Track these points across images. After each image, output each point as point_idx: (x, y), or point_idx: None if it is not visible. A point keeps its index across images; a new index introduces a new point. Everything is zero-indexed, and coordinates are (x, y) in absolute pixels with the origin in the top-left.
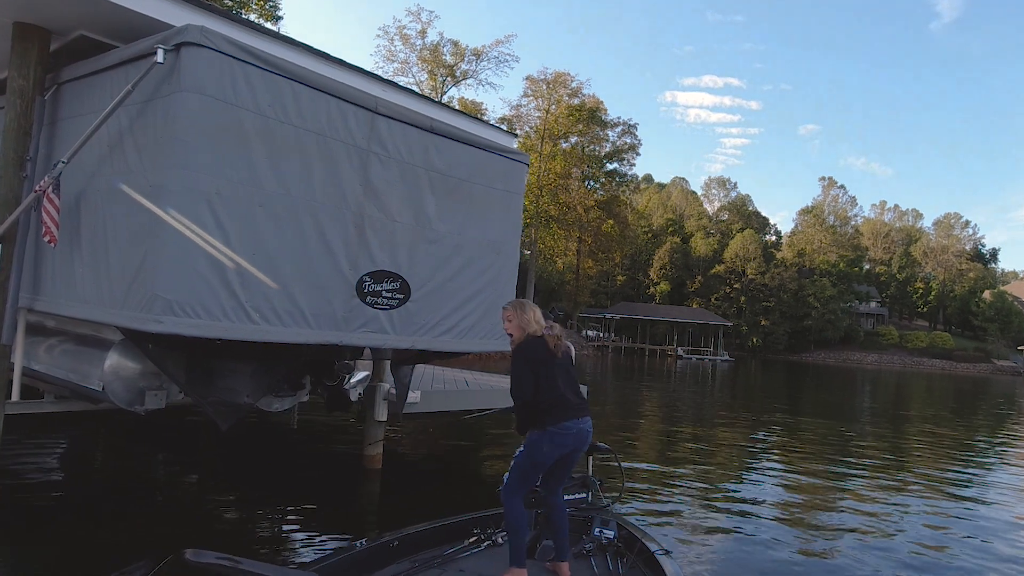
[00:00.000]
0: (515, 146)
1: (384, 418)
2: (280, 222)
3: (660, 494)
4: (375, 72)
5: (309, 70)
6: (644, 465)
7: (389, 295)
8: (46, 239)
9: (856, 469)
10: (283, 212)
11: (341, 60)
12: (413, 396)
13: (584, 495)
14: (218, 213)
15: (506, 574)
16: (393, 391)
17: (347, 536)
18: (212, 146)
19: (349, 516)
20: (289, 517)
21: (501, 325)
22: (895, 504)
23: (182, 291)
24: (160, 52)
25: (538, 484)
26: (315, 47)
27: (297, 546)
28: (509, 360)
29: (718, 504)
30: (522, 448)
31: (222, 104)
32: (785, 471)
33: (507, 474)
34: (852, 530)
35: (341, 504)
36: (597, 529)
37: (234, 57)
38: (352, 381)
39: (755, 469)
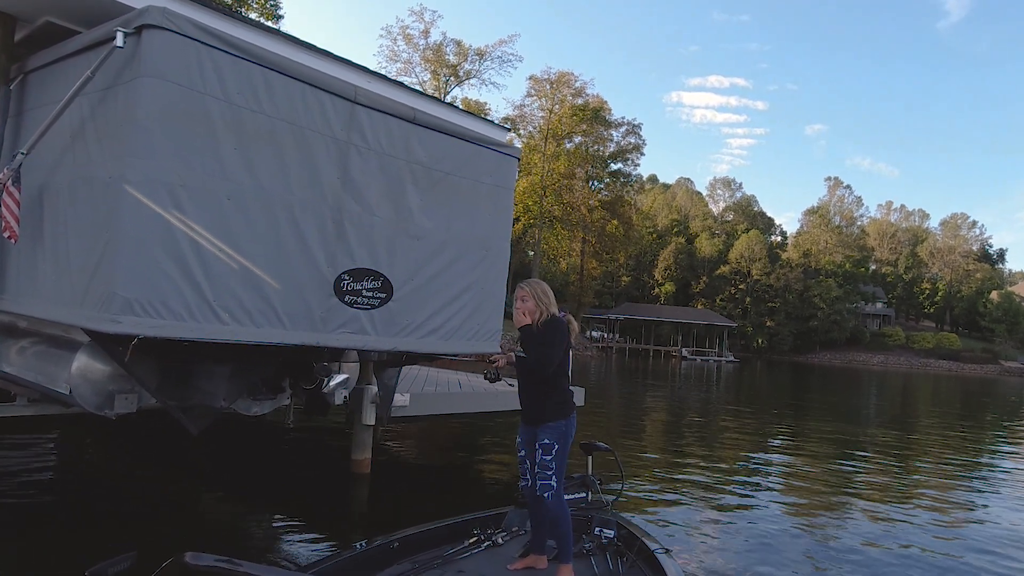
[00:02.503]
0: (506, 139)
1: (372, 422)
2: (251, 216)
3: (661, 494)
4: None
5: (283, 56)
6: (645, 465)
7: (370, 294)
8: (6, 235)
9: (862, 472)
10: (254, 205)
11: (318, 47)
12: (402, 399)
13: (584, 494)
14: (182, 206)
15: (560, 573)
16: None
17: (328, 542)
18: (176, 135)
19: (334, 523)
20: (271, 523)
21: (490, 325)
22: (901, 507)
23: (142, 289)
24: (120, 35)
25: (526, 480)
26: (290, 34)
27: (279, 552)
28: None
29: (720, 504)
30: (553, 446)
31: (186, 90)
32: (789, 472)
33: (546, 480)
34: (857, 533)
35: (326, 511)
36: (597, 528)
37: (200, 41)
38: (331, 384)
39: (758, 470)
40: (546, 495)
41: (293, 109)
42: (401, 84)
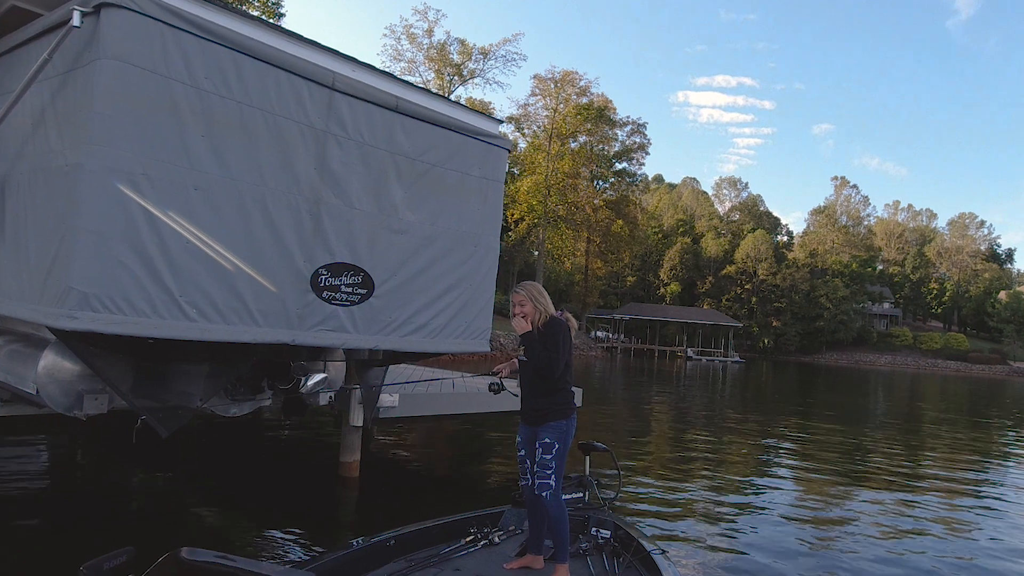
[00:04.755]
0: (499, 130)
1: (360, 423)
2: (220, 208)
3: (660, 495)
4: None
5: (255, 40)
6: (645, 466)
7: (349, 290)
8: None
9: (867, 475)
10: (224, 197)
11: (293, 32)
12: (390, 400)
13: (581, 494)
14: (145, 196)
15: (556, 573)
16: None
17: (309, 546)
18: (138, 121)
19: (318, 528)
20: (253, 528)
21: (479, 323)
22: (907, 511)
23: (101, 283)
24: (76, 15)
25: (527, 479)
26: (262, 18)
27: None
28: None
29: (720, 505)
30: (554, 445)
31: (149, 74)
32: (792, 474)
33: (545, 480)
34: (859, 536)
35: (311, 515)
36: (593, 529)
37: (163, 22)
38: (308, 384)
39: (759, 472)
40: (544, 494)
41: (266, 96)
42: (383, 71)
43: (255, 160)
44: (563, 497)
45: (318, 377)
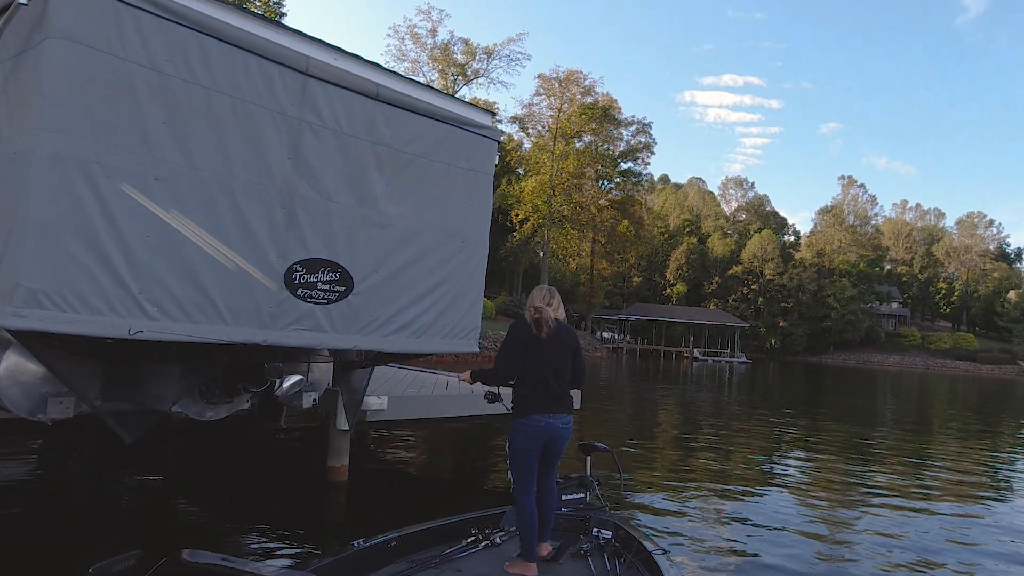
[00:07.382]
0: (489, 121)
1: (347, 427)
2: (184, 200)
3: (661, 495)
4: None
5: (221, 21)
6: (648, 466)
7: (326, 287)
8: None
9: (873, 477)
10: (188, 188)
11: (265, 16)
12: (379, 402)
13: (582, 495)
14: (99, 186)
15: (514, 566)
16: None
17: (292, 552)
18: (91, 106)
19: (302, 534)
20: (233, 534)
21: (466, 322)
22: (913, 516)
23: (51, 279)
24: None
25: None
26: (233, 3)
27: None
28: None
29: (721, 506)
30: (507, 444)
31: (103, 55)
32: (796, 476)
33: (510, 472)
34: (863, 540)
35: (295, 522)
36: (595, 529)
37: None
38: (284, 386)
39: (763, 473)
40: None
41: (234, 81)
42: (361, 58)
43: (223, 149)
44: (564, 497)
45: (294, 379)
